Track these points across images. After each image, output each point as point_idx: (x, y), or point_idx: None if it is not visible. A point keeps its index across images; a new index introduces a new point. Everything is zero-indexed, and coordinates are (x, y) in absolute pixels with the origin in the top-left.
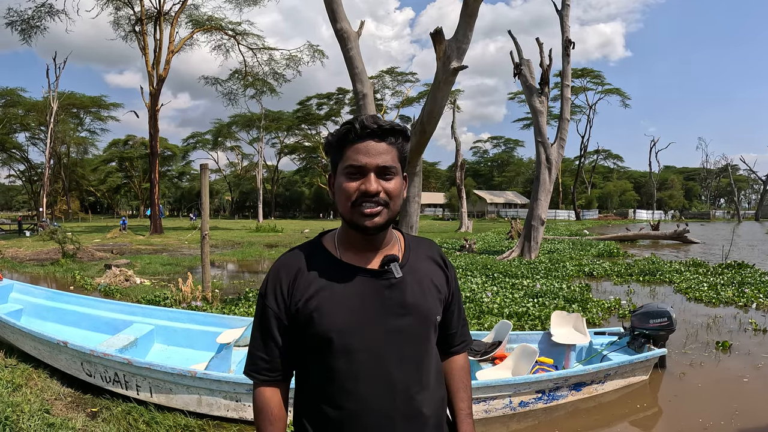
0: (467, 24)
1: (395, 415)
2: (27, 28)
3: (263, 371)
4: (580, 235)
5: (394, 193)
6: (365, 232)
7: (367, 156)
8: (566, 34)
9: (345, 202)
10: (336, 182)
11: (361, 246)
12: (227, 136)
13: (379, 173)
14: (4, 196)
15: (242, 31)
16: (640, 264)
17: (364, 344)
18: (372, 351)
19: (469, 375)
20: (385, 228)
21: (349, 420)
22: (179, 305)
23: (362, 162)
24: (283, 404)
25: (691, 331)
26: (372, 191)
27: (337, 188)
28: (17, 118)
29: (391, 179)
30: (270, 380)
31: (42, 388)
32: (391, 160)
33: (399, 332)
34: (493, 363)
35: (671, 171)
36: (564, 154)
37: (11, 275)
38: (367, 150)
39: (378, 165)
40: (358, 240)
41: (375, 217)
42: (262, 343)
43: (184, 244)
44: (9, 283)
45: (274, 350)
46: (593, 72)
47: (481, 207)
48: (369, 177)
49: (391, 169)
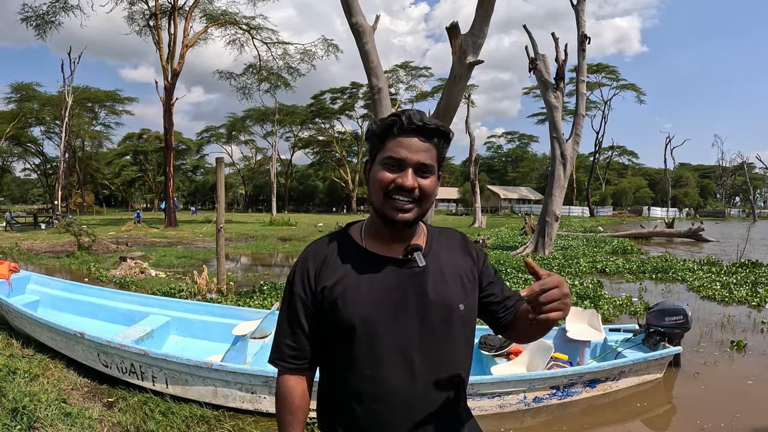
0: (483, 18)
1: (414, 401)
2: (42, 24)
3: (289, 359)
4: (594, 232)
5: (428, 192)
6: (393, 225)
7: (409, 151)
8: (582, 29)
9: (379, 192)
10: (372, 171)
11: (387, 237)
12: (241, 130)
13: (417, 170)
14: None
15: (256, 25)
16: (653, 261)
17: (387, 331)
18: (394, 338)
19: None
20: (413, 224)
21: (368, 405)
22: (194, 297)
23: (403, 156)
24: (307, 394)
25: (705, 330)
26: (408, 186)
27: (372, 177)
28: (32, 113)
29: (428, 177)
30: (295, 368)
31: (59, 378)
32: (431, 159)
33: (421, 320)
34: (508, 358)
35: (686, 168)
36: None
37: (27, 267)
38: (410, 145)
39: (418, 161)
40: (384, 231)
41: (406, 212)
42: (289, 330)
43: (198, 237)
44: (26, 274)
45: (301, 337)
46: (608, 67)
47: (494, 202)
48: (407, 171)
49: (429, 167)
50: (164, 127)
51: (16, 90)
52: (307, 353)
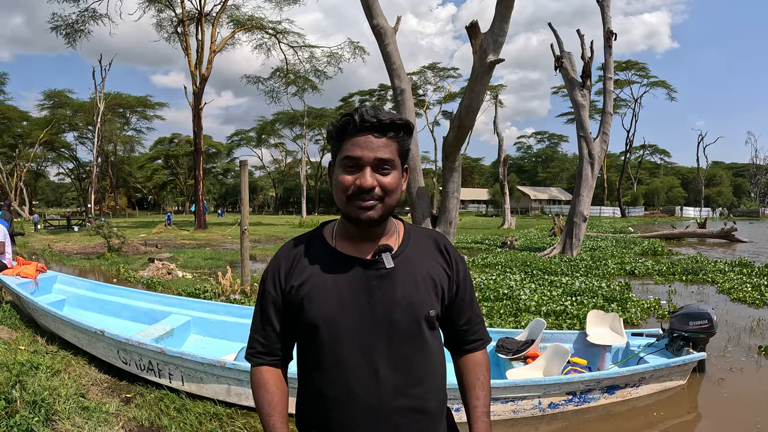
0: (503, 16)
1: (380, 406)
2: (72, 33)
3: (260, 355)
4: (624, 233)
5: (390, 188)
6: (359, 224)
7: (364, 149)
8: (608, 25)
9: (341, 195)
10: (334, 174)
11: (357, 236)
12: (271, 133)
13: (376, 167)
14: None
15: (283, 29)
16: (684, 263)
17: (349, 334)
18: (357, 341)
19: (488, 372)
20: (380, 222)
21: (335, 408)
22: (218, 298)
23: (358, 154)
24: (281, 382)
25: (732, 334)
26: (367, 186)
27: (334, 180)
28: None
29: (389, 173)
30: (266, 364)
31: (80, 374)
32: (390, 153)
33: (387, 323)
34: (525, 362)
35: (719, 167)
36: (607, 149)
37: (59, 268)
38: (365, 143)
39: (375, 158)
40: (354, 230)
41: (369, 210)
42: (260, 327)
43: (227, 239)
44: (53, 274)
45: (272, 335)
46: (638, 64)
47: (524, 203)
48: (365, 171)
49: (388, 162)
50: (194, 132)
51: (49, 97)
52: (277, 350)
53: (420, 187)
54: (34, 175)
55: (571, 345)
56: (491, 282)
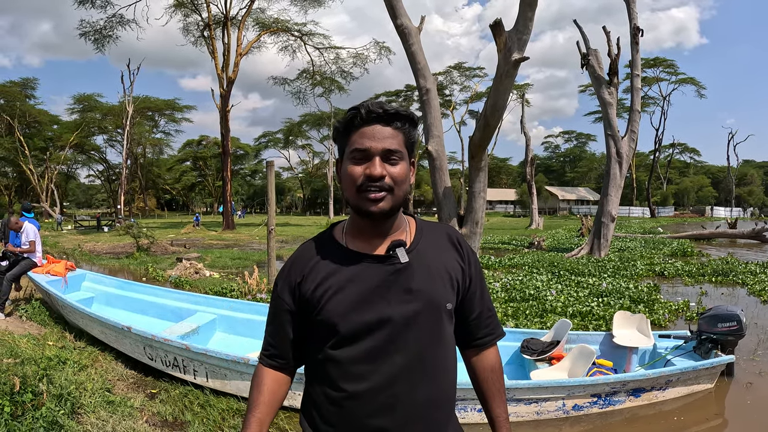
0: (527, 14)
1: (395, 401)
2: (99, 38)
3: (269, 357)
4: (653, 233)
5: (399, 178)
6: (371, 217)
7: (372, 140)
8: (634, 21)
9: (351, 187)
10: (342, 168)
11: (368, 233)
12: (298, 134)
13: (385, 157)
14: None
15: (308, 31)
16: (714, 264)
17: (368, 330)
18: (375, 337)
19: (502, 376)
20: (391, 214)
21: (350, 403)
22: (245, 297)
23: (367, 145)
24: (277, 391)
25: (762, 337)
26: (376, 175)
27: (343, 173)
28: (95, 122)
29: (397, 164)
30: (272, 366)
31: (106, 369)
32: (397, 144)
33: (405, 318)
34: (550, 363)
35: (751, 165)
36: (636, 148)
37: (89, 267)
38: (372, 134)
39: (383, 148)
40: (365, 227)
41: (380, 202)
42: (272, 330)
43: (255, 239)
44: (82, 273)
45: (281, 338)
46: (666, 61)
47: (552, 203)
48: (374, 161)
49: (396, 153)
50: (221, 134)
51: (79, 101)
52: (286, 353)
53: (446, 187)
54: (64, 177)
55: (597, 346)
56: (518, 282)
